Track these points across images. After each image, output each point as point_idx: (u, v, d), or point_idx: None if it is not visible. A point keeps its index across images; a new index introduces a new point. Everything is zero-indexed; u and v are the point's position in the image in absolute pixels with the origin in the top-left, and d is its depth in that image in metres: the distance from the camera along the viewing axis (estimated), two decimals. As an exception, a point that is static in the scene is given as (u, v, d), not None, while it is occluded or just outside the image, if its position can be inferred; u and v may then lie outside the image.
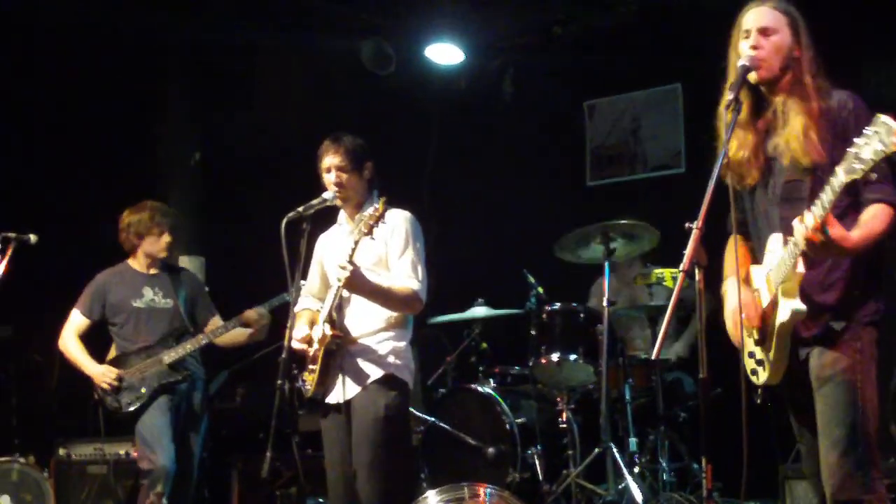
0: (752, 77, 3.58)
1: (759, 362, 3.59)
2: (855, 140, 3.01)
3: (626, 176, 8.35)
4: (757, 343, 3.60)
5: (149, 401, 5.91)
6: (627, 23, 7.80)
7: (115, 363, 6.02)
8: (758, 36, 3.58)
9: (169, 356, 5.97)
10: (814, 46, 3.60)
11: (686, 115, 8.06)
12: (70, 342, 6.09)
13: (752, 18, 3.61)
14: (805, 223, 3.19)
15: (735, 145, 3.61)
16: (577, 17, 7.83)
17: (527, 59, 8.39)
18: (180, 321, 6.13)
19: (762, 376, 3.59)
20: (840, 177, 3.08)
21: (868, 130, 2.97)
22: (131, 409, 5.91)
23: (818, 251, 3.25)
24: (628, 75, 8.23)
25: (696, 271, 3.46)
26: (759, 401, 3.61)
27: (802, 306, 3.39)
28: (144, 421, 5.89)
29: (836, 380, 3.43)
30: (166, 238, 6.17)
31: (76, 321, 6.13)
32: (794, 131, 3.48)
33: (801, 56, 3.57)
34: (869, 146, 2.97)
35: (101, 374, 5.94)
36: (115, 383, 5.90)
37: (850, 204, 3.41)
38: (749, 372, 3.64)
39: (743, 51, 3.58)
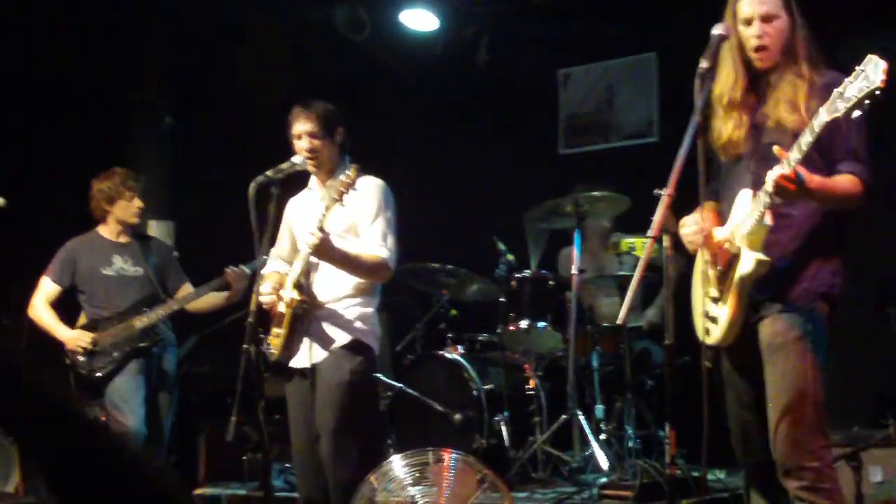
0: (758, 63, 3.59)
1: (713, 319, 3.59)
2: (845, 80, 3.02)
3: (599, 144, 8.34)
4: (714, 300, 3.60)
5: (120, 365, 5.87)
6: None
7: (85, 329, 5.99)
8: (761, 24, 3.57)
9: (141, 321, 5.93)
10: (806, 24, 3.61)
11: (660, 85, 8.05)
12: (41, 310, 6.04)
13: (751, 5, 3.58)
14: (780, 168, 3.20)
15: (731, 126, 3.62)
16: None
17: (502, 27, 8.35)
18: (151, 288, 6.09)
19: (715, 335, 3.59)
20: (822, 116, 3.10)
21: (857, 69, 2.97)
22: (103, 372, 5.87)
23: (785, 192, 3.24)
24: (604, 44, 8.21)
25: (665, 237, 3.46)
26: (707, 362, 3.60)
27: (766, 258, 3.38)
28: (115, 384, 5.85)
29: (788, 348, 3.46)
30: (137, 202, 6.11)
31: (46, 288, 6.07)
32: (783, 96, 3.50)
33: (796, 34, 3.57)
34: (854, 84, 2.97)
35: (75, 337, 5.90)
36: (90, 346, 5.86)
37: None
38: (702, 332, 3.64)
39: (747, 39, 3.57)
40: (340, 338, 4.56)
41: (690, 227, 3.67)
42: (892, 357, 6.18)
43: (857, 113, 3.03)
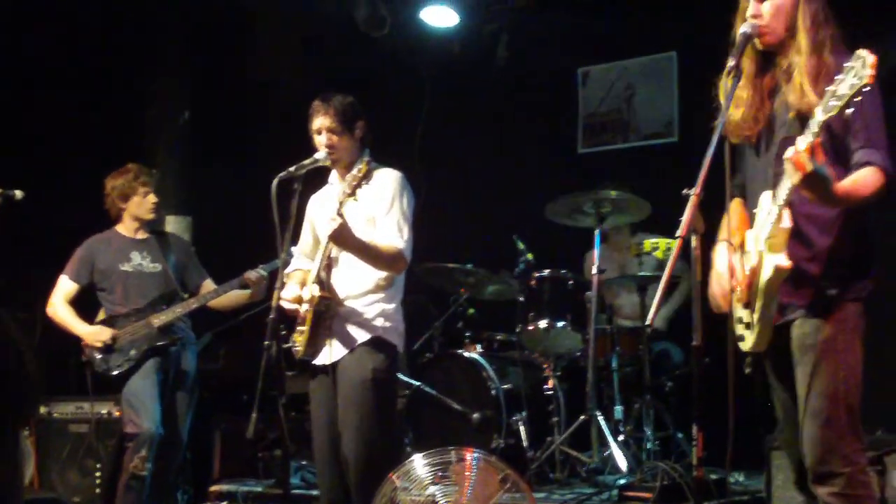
0: (758, 43, 3.53)
1: (748, 326, 3.54)
2: (836, 77, 2.98)
3: (618, 144, 8.30)
4: (745, 306, 3.54)
5: (137, 364, 5.86)
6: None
7: (105, 325, 5.97)
8: (755, 4, 3.52)
9: (159, 319, 5.91)
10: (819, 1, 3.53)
11: (680, 85, 8.00)
12: (59, 308, 6.02)
13: None
14: (795, 147, 3.13)
15: (735, 104, 3.55)
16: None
17: (522, 24, 8.31)
18: (170, 285, 6.07)
19: (748, 341, 3.54)
20: (818, 115, 3.05)
21: (847, 65, 2.94)
22: (119, 371, 5.85)
23: (804, 182, 3.14)
24: (623, 43, 8.17)
25: (693, 238, 3.42)
26: (747, 370, 3.57)
27: (786, 262, 3.31)
28: (130, 384, 5.83)
29: (818, 349, 3.38)
30: (152, 198, 6.09)
31: (64, 287, 6.06)
32: (795, 87, 3.42)
33: (801, 13, 3.48)
34: (845, 81, 2.94)
35: (95, 333, 5.89)
36: (109, 342, 5.84)
37: (841, 174, 3.32)
38: (737, 338, 3.60)
39: (747, 17, 3.53)
40: (362, 335, 4.54)
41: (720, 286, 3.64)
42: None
43: (850, 110, 3.00)
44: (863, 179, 3.31)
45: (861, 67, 2.90)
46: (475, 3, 8.27)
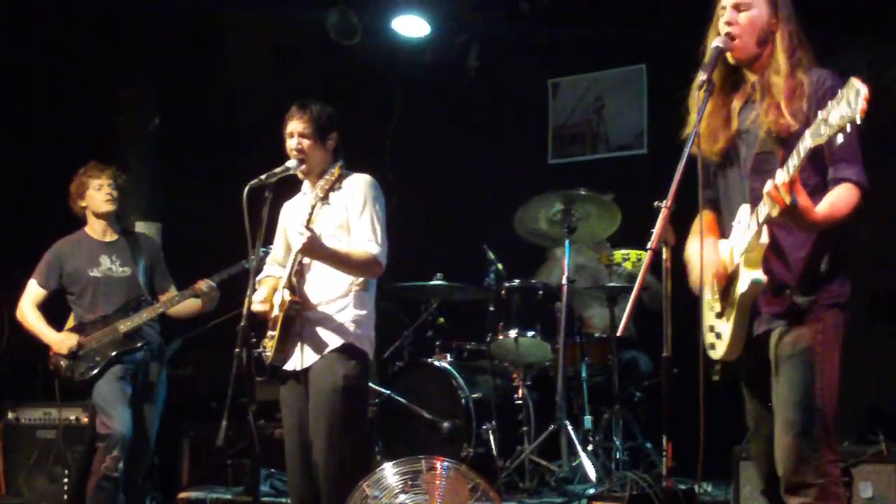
0: (730, 57, 3.56)
1: (718, 335, 3.57)
2: (829, 102, 2.99)
3: (588, 155, 8.35)
4: (718, 315, 3.57)
5: (103, 370, 5.82)
6: (594, 2, 7.79)
7: (72, 332, 5.94)
8: (732, 12, 3.54)
9: (125, 325, 5.87)
10: (794, 19, 3.56)
11: (650, 97, 8.06)
12: (28, 313, 5.99)
13: None
14: (773, 181, 3.17)
15: (706, 116, 3.58)
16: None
17: (493, 35, 8.36)
18: (138, 290, 6.03)
19: (719, 350, 3.56)
20: (806, 141, 3.07)
21: (840, 91, 2.95)
22: (84, 377, 5.82)
23: (782, 214, 3.19)
24: (593, 54, 8.22)
25: (664, 250, 3.44)
26: (715, 377, 3.59)
27: (762, 277, 3.35)
28: (99, 388, 5.79)
29: (796, 360, 3.39)
30: (106, 189, 5.99)
31: (33, 291, 6.02)
32: (769, 104, 3.45)
33: (777, 29, 3.52)
34: (836, 110, 2.95)
35: (61, 340, 5.86)
36: (75, 348, 5.81)
37: (818, 184, 3.39)
38: (707, 346, 3.62)
39: (720, 29, 3.56)
40: (334, 341, 4.53)
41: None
42: (882, 372, 6.19)
43: (840, 139, 3.00)
44: (839, 200, 3.34)
45: (854, 98, 2.88)
46: (446, 14, 8.30)
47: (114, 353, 5.84)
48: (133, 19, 8.17)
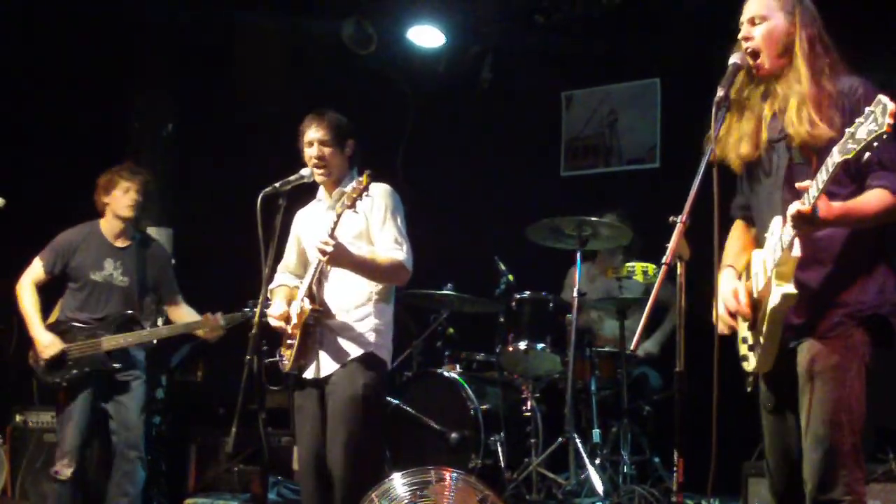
0: (754, 73, 3.55)
1: (751, 347, 3.54)
2: (857, 119, 2.98)
3: (600, 168, 8.35)
4: (750, 327, 3.54)
5: (76, 380, 5.79)
6: (609, 15, 7.79)
7: (56, 327, 5.90)
8: (748, 27, 3.54)
9: (109, 343, 5.82)
10: (816, 24, 3.52)
11: (663, 111, 8.06)
12: (26, 292, 5.95)
13: (744, 10, 3.58)
14: (798, 204, 3.15)
15: (736, 127, 3.56)
16: (560, 7, 7.78)
17: (507, 47, 8.36)
18: (132, 304, 5.99)
19: (752, 362, 3.53)
20: (834, 156, 3.04)
21: (867, 109, 2.94)
22: (55, 385, 5.81)
23: (804, 228, 3.18)
24: (607, 68, 8.24)
25: (679, 265, 3.44)
26: (749, 389, 3.57)
27: (793, 290, 3.31)
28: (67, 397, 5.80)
29: (825, 376, 3.35)
30: (132, 195, 5.98)
31: (36, 270, 6.00)
32: (794, 114, 3.41)
33: (798, 37, 3.49)
34: (864, 126, 2.94)
35: (46, 346, 5.80)
36: (56, 357, 5.78)
37: (853, 192, 3.36)
38: (741, 357, 3.59)
39: (739, 38, 3.56)
40: (355, 350, 4.56)
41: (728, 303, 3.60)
42: (892, 391, 6.16)
43: (867, 155, 3.00)
44: (866, 199, 3.31)
45: (881, 114, 2.88)
46: (461, 25, 8.30)
47: (90, 369, 5.80)
48: (148, 25, 8.19)
